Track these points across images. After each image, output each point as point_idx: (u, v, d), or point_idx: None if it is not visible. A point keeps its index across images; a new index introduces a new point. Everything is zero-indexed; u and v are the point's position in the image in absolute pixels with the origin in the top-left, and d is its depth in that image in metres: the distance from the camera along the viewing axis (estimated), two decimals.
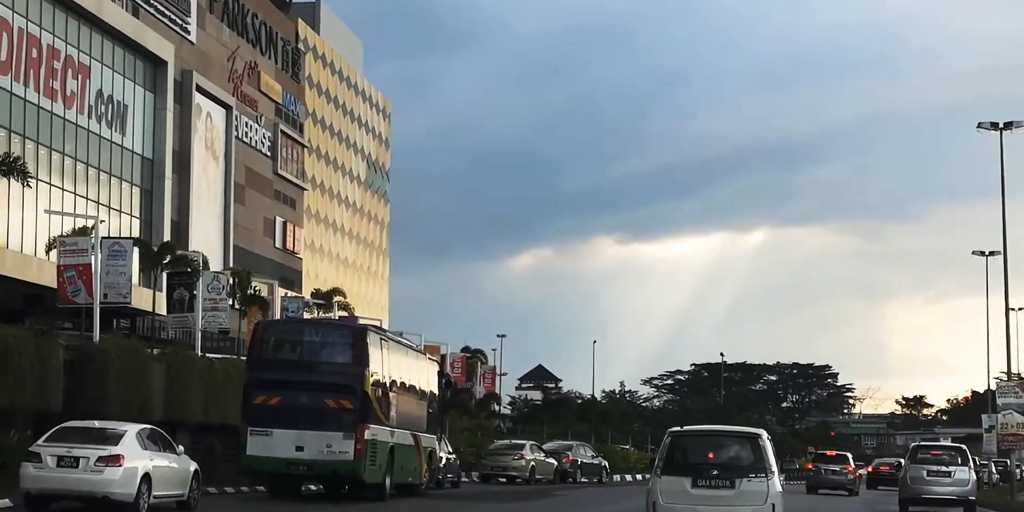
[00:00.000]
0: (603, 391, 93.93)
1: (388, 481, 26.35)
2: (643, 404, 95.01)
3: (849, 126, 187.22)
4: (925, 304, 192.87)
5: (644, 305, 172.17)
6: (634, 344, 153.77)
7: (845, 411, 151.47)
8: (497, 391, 68.46)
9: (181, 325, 37.31)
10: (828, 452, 53.80)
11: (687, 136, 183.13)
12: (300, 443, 24.25)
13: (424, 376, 29.72)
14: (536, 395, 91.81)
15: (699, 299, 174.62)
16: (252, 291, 42.94)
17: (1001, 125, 38.07)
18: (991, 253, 61.86)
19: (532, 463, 42.05)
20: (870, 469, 58.12)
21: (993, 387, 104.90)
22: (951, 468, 31.86)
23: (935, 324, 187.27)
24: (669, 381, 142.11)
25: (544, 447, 45.47)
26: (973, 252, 62.82)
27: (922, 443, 38.14)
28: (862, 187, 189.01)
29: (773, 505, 17.17)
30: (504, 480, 41.80)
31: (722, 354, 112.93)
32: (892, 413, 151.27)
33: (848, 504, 41.00)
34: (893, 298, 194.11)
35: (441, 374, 31.85)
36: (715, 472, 17.35)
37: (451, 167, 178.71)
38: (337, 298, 47.61)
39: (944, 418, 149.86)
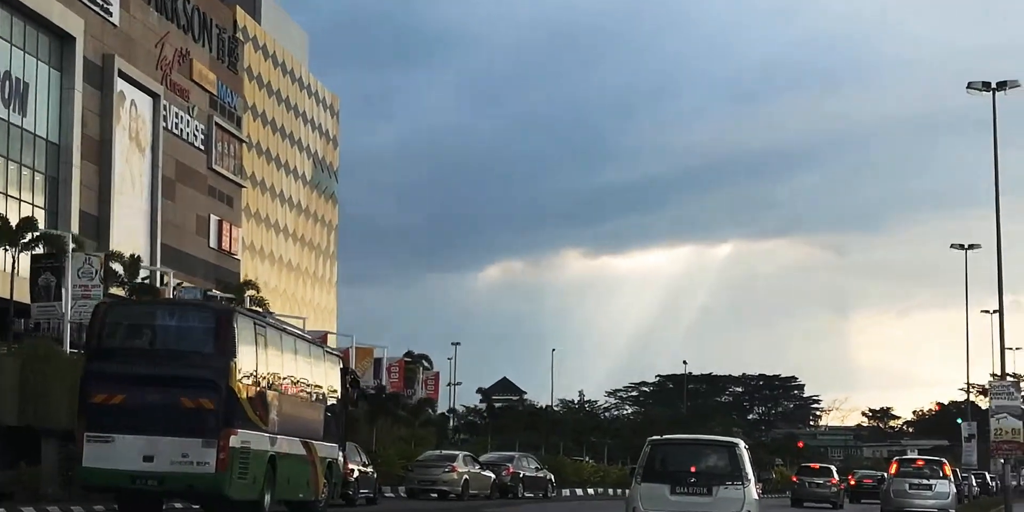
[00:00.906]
0: (560, 400, 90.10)
1: (268, 498, 21.92)
2: (602, 415, 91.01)
3: (820, 138, 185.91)
4: (893, 317, 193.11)
5: (613, 318, 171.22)
6: (603, 357, 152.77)
7: (811, 423, 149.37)
8: (438, 398, 64.19)
9: (47, 315, 32.86)
10: (812, 465, 53.78)
11: (658, 149, 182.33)
12: (149, 452, 19.65)
13: (321, 373, 25.16)
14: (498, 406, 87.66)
15: (668, 312, 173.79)
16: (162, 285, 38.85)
17: (994, 85, 34.08)
18: (970, 247, 59.25)
19: (465, 476, 37.70)
20: (852, 482, 56.29)
21: (968, 396, 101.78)
22: (932, 481, 32.11)
23: (902, 337, 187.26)
24: (634, 393, 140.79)
25: (482, 458, 41.16)
26: (952, 245, 60.15)
27: (905, 456, 38.17)
28: (832, 199, 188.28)
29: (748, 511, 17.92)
30: (436, 495, 37.50)
31: (685, 362, 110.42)
32: (859, 425, 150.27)
33: None
34: (861, 311, 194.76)
35: (346, 372, 27.26)
36: (693, 479, 18.04)
37: (421, 179, 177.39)
38: (250, 292, 43.11)
39: (911, 430, 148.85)
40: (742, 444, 18.93)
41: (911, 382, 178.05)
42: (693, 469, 18.09)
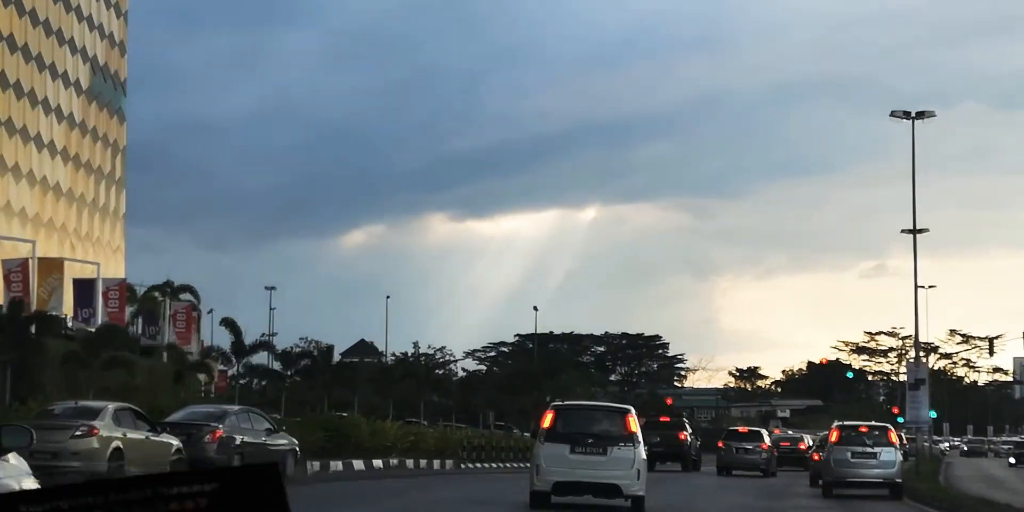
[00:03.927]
0: (395, 353, 78.07)
1: None
2: (438, 371, 79.14)
3: (680, 104, 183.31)
4: (753, 280, 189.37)
5: (478, 281, 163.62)
6: (468, 319, 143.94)
7: (676, 383, 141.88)
8: (191, 341, 50.81)
9: None
10: (740, 429, 50.33)
11: (521, 113, 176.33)
12: None
13: None
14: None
15: (532, 275, 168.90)
16: None
17: None
18: (919, 115, 47.87)
19: (116, 444, 23.46)
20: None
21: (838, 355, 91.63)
22: (877, 449, 30.35)
23: (763, 299, 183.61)
24: (492, 353, 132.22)
25: (172, 417, 27.30)
26: (892, 113, 48.38)
27: (846, 422, 34.08)
28: (692, 165, 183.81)
29: (638, 470, 20.73)
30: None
31: (535, 308, 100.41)
32: (726, 385, 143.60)
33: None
34: (722, 274, 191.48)
35: None
36: (590, 440, 20.78)
37: (284, 142, 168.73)
38: None
39: (779, 390, 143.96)
40: (633, 410, 21.79)
41: (772, 344, 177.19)
42: (590, 429, 21.02)
